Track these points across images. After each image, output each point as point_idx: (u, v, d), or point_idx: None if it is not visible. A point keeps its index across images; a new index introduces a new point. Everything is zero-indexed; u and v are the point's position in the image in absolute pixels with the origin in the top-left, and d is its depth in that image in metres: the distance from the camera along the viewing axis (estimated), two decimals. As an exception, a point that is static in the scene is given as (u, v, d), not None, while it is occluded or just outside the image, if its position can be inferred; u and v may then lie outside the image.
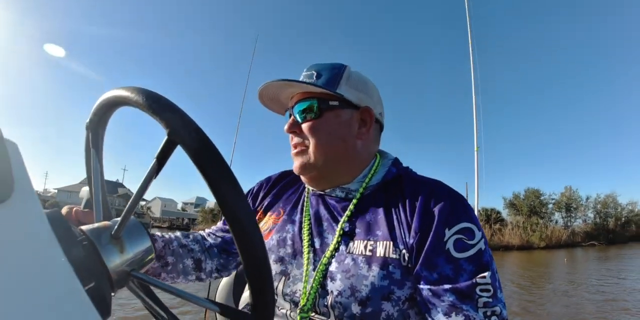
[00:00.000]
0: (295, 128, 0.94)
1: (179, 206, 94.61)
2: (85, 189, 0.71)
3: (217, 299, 1.61)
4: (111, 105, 0.51)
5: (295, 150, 0.95)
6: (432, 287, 0.76)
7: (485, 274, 0.74)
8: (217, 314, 1.59)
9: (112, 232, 0.50)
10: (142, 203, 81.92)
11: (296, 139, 0.95)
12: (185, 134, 0.39)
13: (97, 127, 0.56)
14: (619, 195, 46.32)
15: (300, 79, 0.95)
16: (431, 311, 0.77)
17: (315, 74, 0.94)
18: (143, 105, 0.42)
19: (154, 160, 0.44)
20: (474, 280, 0.74)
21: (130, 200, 0.48)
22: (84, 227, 0.49)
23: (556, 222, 44.28)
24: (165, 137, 0.41)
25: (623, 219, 44.10)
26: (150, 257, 0.55)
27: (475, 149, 5.30)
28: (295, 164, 0.96)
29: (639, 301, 9.88)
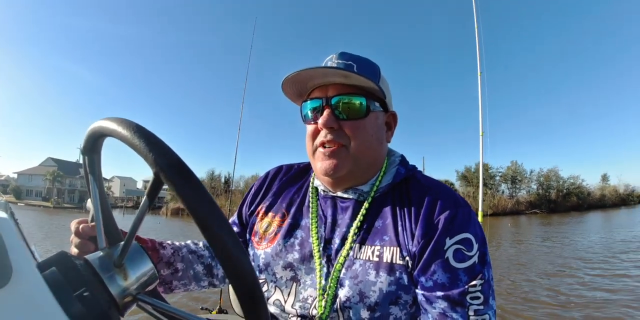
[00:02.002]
0: (334, 124, 0.84)
1: (140, 184, 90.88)
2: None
3: (232, 303, 1.73)
4: (100, 135, 0.52)
5: (329, 149, 0.86)
6: (426, 293, 0.77)
7: (476, 282, 0.75)
8: (232, 301, 1.72)
9: (115, 261, 0.51)
10: (106, 184, 79.08)
11: (331, 136, 0.85)
12: (171, 175, 0.40)
13: (91, 153, 0.58)
14: (561, 169, 49.63)
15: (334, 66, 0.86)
16: (422, 317, 0.78)
17: (355, 66, 0.85)
18: (131, 141, 0.43)
19: (145, 197, 0.46)
20: (465, 289, 0.74)
21: (129, 232, 0.50)
22: (88, 257, 0.51)
23: (502, 192, 47.34)
24: (153, 177, 0.42)
25: (564, 190, 46.97)
26: (153, 278, 0.57)
27: (481, 134, 5.43)
28: (326, 165, 0.86)
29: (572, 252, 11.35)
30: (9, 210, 1.11)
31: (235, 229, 1.07)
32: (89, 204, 0.66)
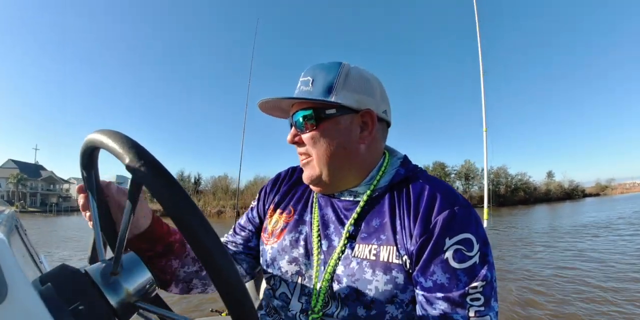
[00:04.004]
0: (297, 139, 0.89)
1: None
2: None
3: None
4: (90, 150, 0.53)
5: (302, 161, 0.91)
6: (426, 294, 0.75)
7: (477, 284, 0.72)
8: None
9: (110, 269, 0.51)
10: (66, 186, 75.57)
11: (300, 149, 0.90)
12: (148, 178, 0.40)
13: (88, 168, 0.58)
14: (509, 167, 53.03)
15: (298, 86, 0.89)
16: (422, 317, 0.76)
17: (311, 80, 0.87)
18: (111, 149, 0.43)
19: (127, 201, 0.47)
20: (465, 290, 0.72)
21: (118, 240, 0.49)
22: (88, 269, 0.50)
23: (457, 188, 49.37)
24: (130, 180, 0.43)
25: (512, 186, 49.86)
26: (152, 286, 0.56)
27: (484, 129, 5.32)
28: (303, 175, 0.92)
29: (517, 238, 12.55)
30: (14, 222, 1.06)
31: (250, 226, 1.09)
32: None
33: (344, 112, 0.87)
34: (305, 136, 0.87)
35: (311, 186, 0.94)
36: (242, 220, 1.11)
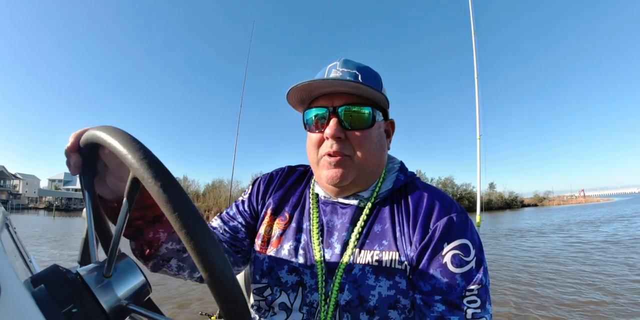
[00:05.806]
0: (341, 134, 0.80)
1: (44, 184, 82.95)
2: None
3: None
4: (90, 147, 0.52)
5: (335, 159, 0.81)
6: (424, 297, 0.75)
7: (474, 287, 0.73)
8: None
9: (103, 272, 0.49)
10: (15, 182, 70.97)
11: (337, 146, 0.81)
12: (147, 176, 0.38)
13: (87, 171, 0.56)
14: (456, 178, 56.69)
15: (336, 74, 0.82)
16: None
17: (359, 75, 0.81)
18: (112, 146, 0.42)
19: (125, 199, 0.45)
20: (463, 293, 0.73)
21: (112, 241, 0.48)
22: (80, 270, 0.48)
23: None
24: (131, 176, 0.42)
25: (458, 195, 52.73)
26: (145, 289, 0.54)
27: (478, 137, 5.33)
28: (332, 174, 0.82)
29: None
30: (4, 220, 1.02)
31: (240, 219, 1.00)
32: (84, 213, 0.66)
33: (385, 117, 0.89)
34: (357, 133, 0.81)
35: (331, 186, 0.86)
36: (232, 210, 1.02)
